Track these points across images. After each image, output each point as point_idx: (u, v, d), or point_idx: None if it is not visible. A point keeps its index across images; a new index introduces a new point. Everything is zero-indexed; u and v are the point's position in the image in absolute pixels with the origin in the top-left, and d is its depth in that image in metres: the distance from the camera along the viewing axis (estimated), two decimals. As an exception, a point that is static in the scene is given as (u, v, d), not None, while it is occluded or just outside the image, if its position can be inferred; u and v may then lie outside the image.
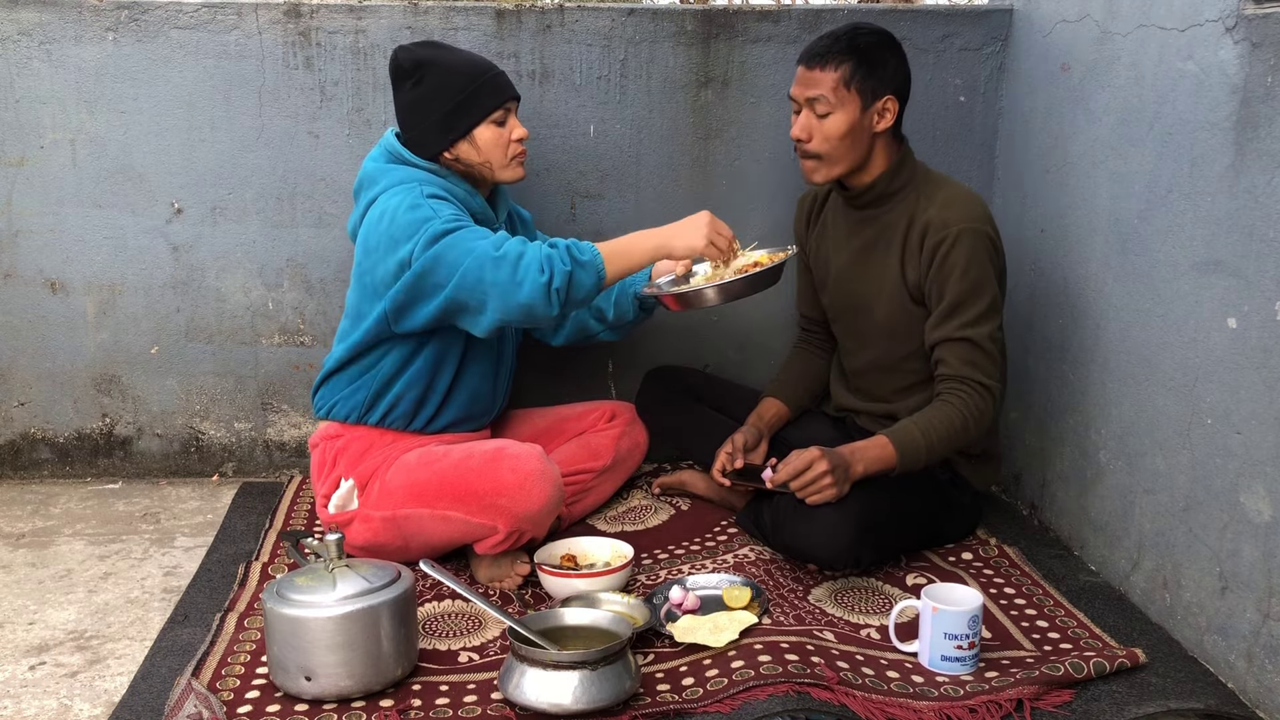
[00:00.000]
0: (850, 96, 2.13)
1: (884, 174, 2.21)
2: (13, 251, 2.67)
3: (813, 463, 2.01)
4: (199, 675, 1.79)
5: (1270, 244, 1.70)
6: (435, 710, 1.71)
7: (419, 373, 2.20)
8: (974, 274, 2.12)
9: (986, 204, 2.23)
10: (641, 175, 2.72)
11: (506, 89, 2.21)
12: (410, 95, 2.17)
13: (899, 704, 1.70)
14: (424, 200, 2.06)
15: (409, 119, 2.19)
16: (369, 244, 2.10)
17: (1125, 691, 1.76)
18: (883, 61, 2.14)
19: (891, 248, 2.23)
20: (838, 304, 2.38)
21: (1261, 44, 1.72)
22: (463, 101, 2.15)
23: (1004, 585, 2.15)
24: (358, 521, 2.15)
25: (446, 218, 2.04)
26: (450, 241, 2.00)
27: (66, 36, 2.57)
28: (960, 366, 2.12)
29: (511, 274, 1.96)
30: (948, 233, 2.12)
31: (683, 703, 1.71)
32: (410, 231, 2.02)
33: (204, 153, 2.64)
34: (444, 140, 2.17)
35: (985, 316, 2.13)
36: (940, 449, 2.10)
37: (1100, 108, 2.21)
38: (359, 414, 2.22)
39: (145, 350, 2.75)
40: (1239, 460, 1.78)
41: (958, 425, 2.09)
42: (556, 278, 1.96)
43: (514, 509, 2.03)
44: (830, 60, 2.13)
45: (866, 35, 2.15)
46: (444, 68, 2.16)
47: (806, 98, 2.15)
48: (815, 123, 2.15)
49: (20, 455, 2.80)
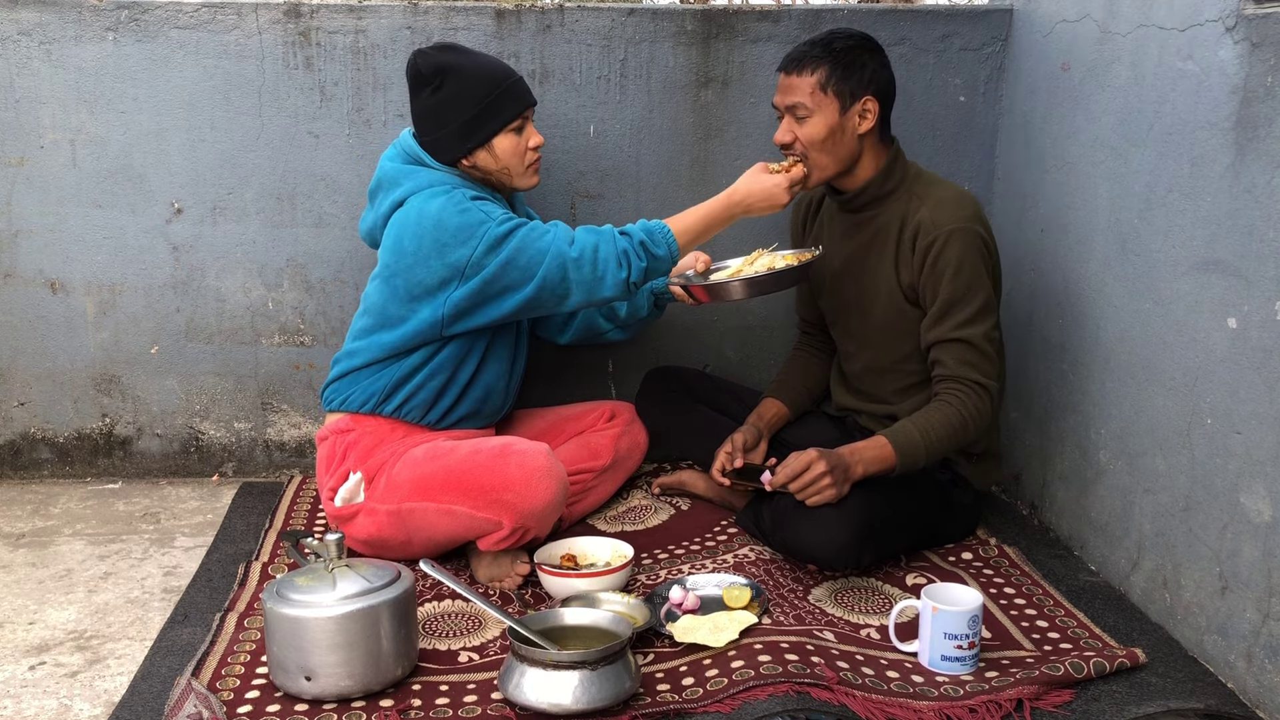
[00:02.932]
0: (828, 100, 2.13)
1: (875, 177, 2.21)
2: (13, 251, 2.67)
3: (811, 464, 2.01)
4: (199, 675, 1.79)
5: (1270, 244, 1.70)
6: (435, 710, 1.71)
7: (441, 365, 2.21)
8: (966, 274, 2.12)
9: (979, 203, 2.23)
10: (641, 175, 2.72)
11: (525, 96, 2.22)
12: (429, 101, 2.17)
13: (899, 704, 1.70)
14: (471, 204, 2.07)
15: (427, 124, 2.19)
16: (403, 246, 2.10)
17: (1125, 691, 1.76)
18: (860, 63, 2.14)
19: (886, 250, 2.23)
20: (835, 307, 2.38)
21: (1261, 44, 1.72)
22: (483, 110, 2.16)
23: (1004, 585, 2.15)
24: (363, 515, 2.15)
25: (499, 219, 2.06)
26: (518, 245, 2.04)
27: (66, 36, 2.57)
28: (957, 367, 2.13)
29: (592, 271, 2.05)
30: (939, 233, 2.13)
31: (683, 703, 1.71)
32: (464, 236, 2.04)
33: (204, 153, 2.65)
34: (463, 147, 2.18)
35: (979, 316, 2.13)
36: (939, 449, 2.11)
37: (1100, 108, 2.21)
38: (376, 403, 2.22)
39: (145, 350, 2.75)
40: (1239, 460, 1.78)
41: (956, 425, 2.10)
42: (634, 273, 2.06)
43: (519, 505, 2.03)
44: (807, 65, 2.14)
45: (843, 39, 2.15)
46: (464, 74, 2.16)
47: (787, 104, 2.17)
48: (796, 128, 2.17)
49: (20, 455, 2.80)
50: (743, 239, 2.76)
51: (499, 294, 2.08)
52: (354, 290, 2.71)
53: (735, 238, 2.74)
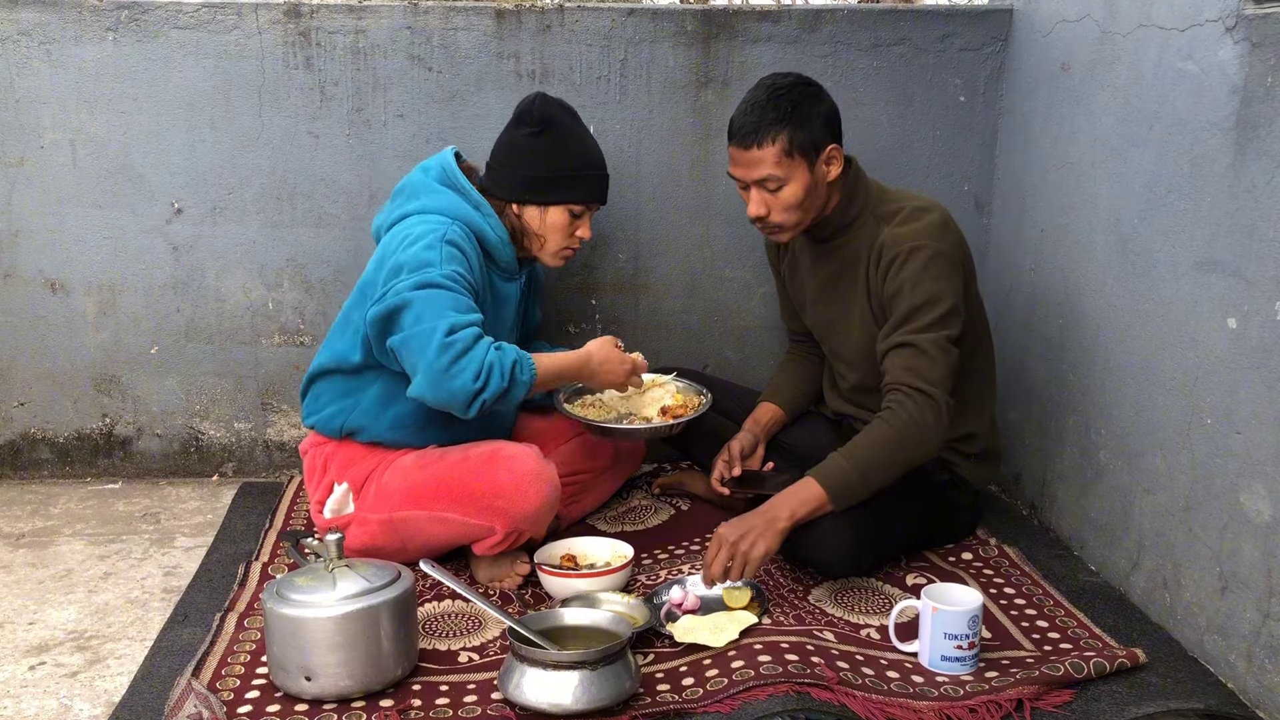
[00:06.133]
0: (796, 163, 2.08)
1: (838, 206, 2.18)
2: (13, 251, 2.67)
3: (721, 545, 1.94)
4: (199, 675, 1.79)
5: (1270, 244, 1.70)
6: (435, 710, 1.71)
7: (407, 415, 2.16)
8: (925, 287, 2.05)
9: (948, 216, 2.14)
10: (641, 175, 2.72)
11: (601, 193, 2.24)
12: (521, 140, 2.18)
13: (899, 704, 1.70)
14: (440, 244, 2.04)
15: (506, 157, 2.20)
16: (381, 256, 2.10)
17: (1125, 691, 1.76)
18: (812, 113, 2.08)
19: (857, 278, 2.20)
20: (819, 328, 2.39)
21: (1261, 44, 1.72)
22: (561, 178, 2.17)
23: (1004, 585, 2.14)
24: (355, 525, 2.15)
25: (446, 274, 2.00)
26: (427, 298, 1.97)
27: (66, 36, 2.57)
28: (899, 373, 2.03)
29: (449, 364, 1.92)
30: (900, 250, 2.08)
31: (683, 703, 1.71)
32: (413, 266, 2.01)
33: (204, 153, 2.64)
34: (519, 195, 2.19)
35: (935, 324, 2.03)
36: (879, 470, 1.99)
37: (1100, 108, 2.21)
38: (340, 438, 2.21)
39: (145, 350, 2.75)
40: (1239, 460, 1.78)
41: (891, 440, 1.99)
42: (488, 390, 1.94)
43: (511, 510, 2.02)
44: (765, 135, 2.06)
45: (785, 92, 2.07)
46: (565, 140, 2.18)
47: (754, 179, 2.09)
48: (770, 198, 2.10)
49: (20, 455, 2.80)
50: (742, 239, 2.76)
51: (392, 329, 2.00)
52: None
53: (740, 240, 2.75)
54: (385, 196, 2.66)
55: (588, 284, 2.77)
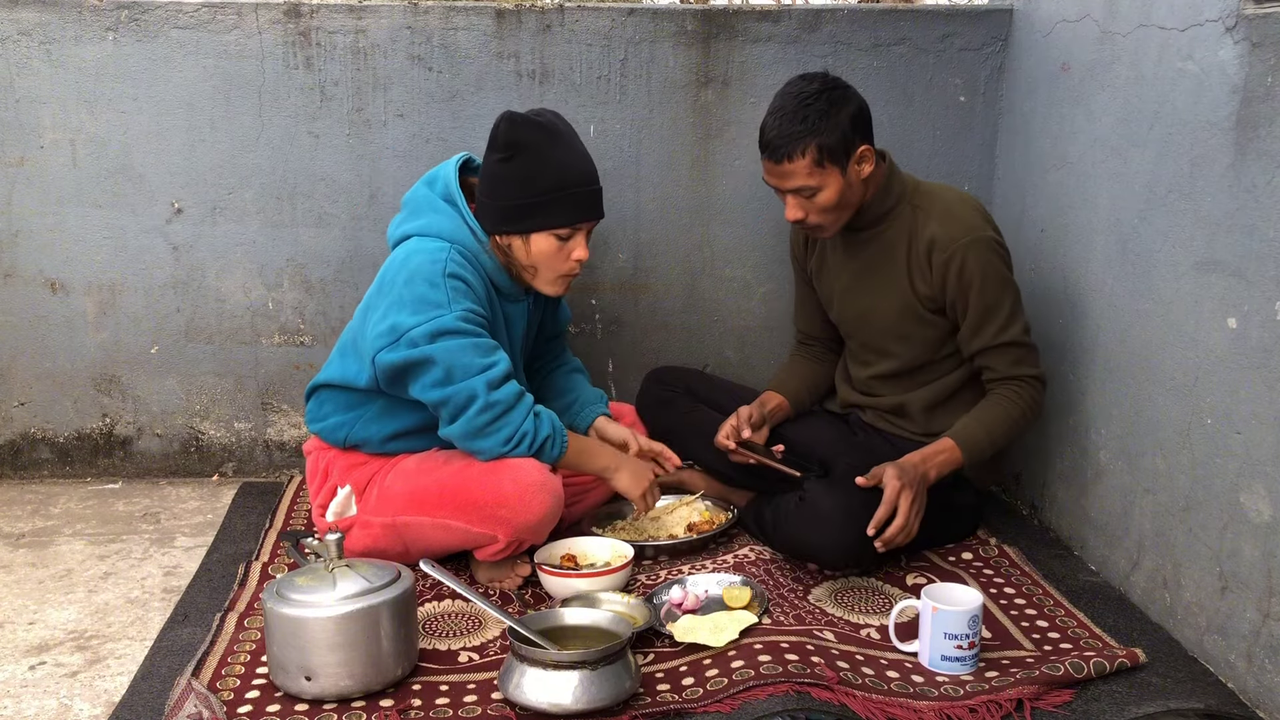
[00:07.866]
0: (829, 170, 2.10)
1: (874, 198, 2.22)
2: (13, 251, 2.67)
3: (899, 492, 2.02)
4: (199, 675, 1.79)
5: (1270, 244, 1.70)
6: (435, 710, 1.71)
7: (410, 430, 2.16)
8: (992, 281, 2.16)
9: (982, 205, 2.24)
10: (641, 175, 2.72)
11: (587, 210, 2.09)
12: (493, 167, 2.07)
13: (899, 704, 1.70)
14: (443, 280, 1.99)
15: (483, 186, 2.10)
16: (383, 280, 2.07)
17: (1125, 691, 1.76)
18: (840, 118, 2.09)
19: (896, 264, 2.24)
20: (848, 320, 2.40)
21: (1261, 44, 1.72)
22: (534, 204, 2.04)
23: (1004, 585, 2.15)
24: (357, 528, 2.14)
25: (459, 315, 1.97)
26: (449, 351, 1.96)
27: (66, 36, 2.57)
28: (1009, 368, 2.20)
29: (486, 425, 1.99)
30: (955, 247, 2.14)
31: (683, 703, 1.71)
32: (417, 308, 1.97)
33: (204, 153, 2.64)
34: (499, 227, 2.08)
35: (1014, 316, 2.19)
36: (1002, 443, 2.21)
37: (1100, 108, 2.21)
38: (343, 449, 2.21)
39: (145, 350, 2.75)
40: (1239, 460, 1.78)
41: (1017, 418, 2.19)
42: (514, 454, 2.02)
43: (514, 520, 2.02)
44: (796, 149, 2.07)
45: (813, 100, 2.08)
46: (537, 160, 2.04)
47: (789, 188, 2.13)
48: (806, 203, 2.14)
49: (20, 455, 2.80)
50: (743, 238, 2.76)
51: (416, 379, 2.00)
52: (354, 290, 2.71)
53: (740, 240, 2.75)
54: (385, 196, 2.67)
55: (588, 284, 2.77)
